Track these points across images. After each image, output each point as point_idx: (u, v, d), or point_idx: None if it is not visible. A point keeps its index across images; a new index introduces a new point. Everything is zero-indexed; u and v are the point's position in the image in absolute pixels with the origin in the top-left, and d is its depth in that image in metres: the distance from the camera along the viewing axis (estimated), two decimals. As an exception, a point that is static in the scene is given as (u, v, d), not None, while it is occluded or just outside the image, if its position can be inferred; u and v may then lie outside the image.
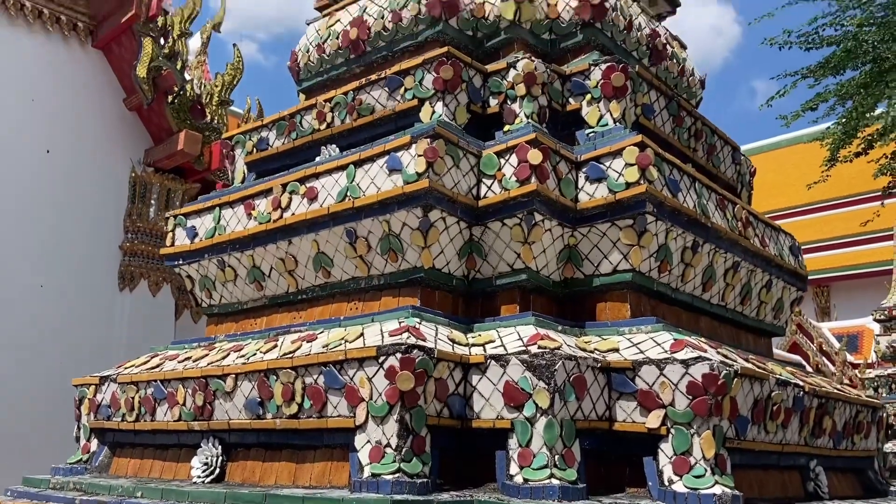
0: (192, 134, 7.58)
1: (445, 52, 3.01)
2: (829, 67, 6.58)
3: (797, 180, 25.64)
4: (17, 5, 7.21)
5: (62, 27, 7.51)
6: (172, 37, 8.07)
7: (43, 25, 7.40)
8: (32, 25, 7.34)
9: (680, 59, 3.80)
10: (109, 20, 7.62)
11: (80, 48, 7.67)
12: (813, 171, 9.09)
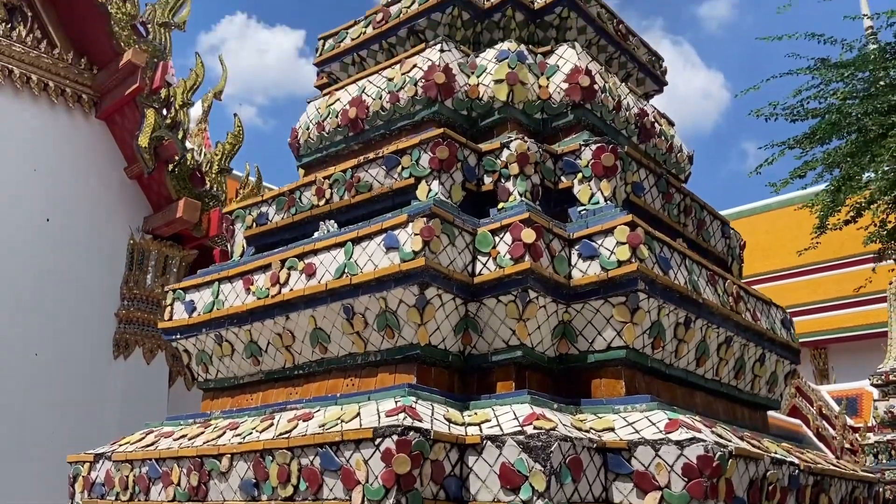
0: (191, 202, 7.69)
1: (441, 134, 3.11)
2: (815, 139, 6.77)
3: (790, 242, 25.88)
4: (24, 78, 7.42)
5: (67, 99, 7.71)
6: (174, 107, 8.27)
7: (48, 98, 7.60)
8: (38, 98, 7.53)
9: (668, 136, 3.92)
10: (113, 92, 7.83)
11: (83, 119, 7.85)
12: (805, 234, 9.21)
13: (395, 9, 4.01)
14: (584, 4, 3.83)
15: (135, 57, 7.57)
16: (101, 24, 7.70)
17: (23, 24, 7.69)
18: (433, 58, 3.53)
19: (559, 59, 3.60)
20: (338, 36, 4.29)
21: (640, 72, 4.24)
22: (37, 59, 7.54)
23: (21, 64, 7.39)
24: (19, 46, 7.44)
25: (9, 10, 7.70)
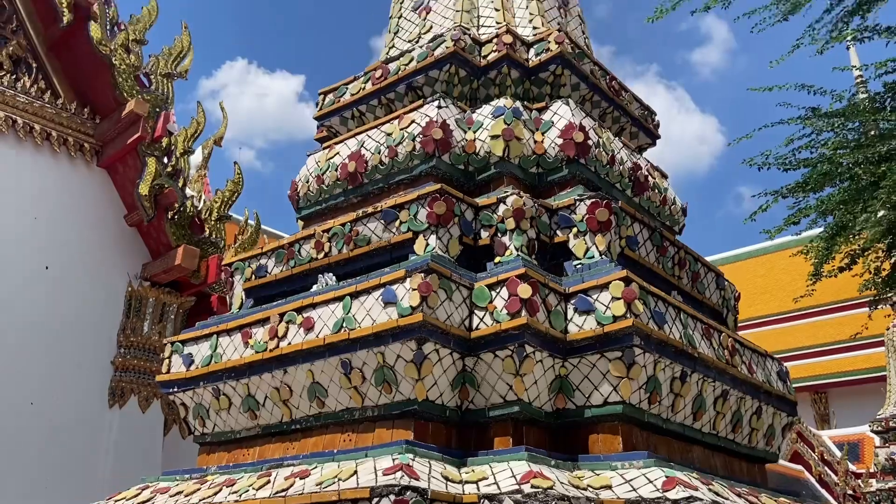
0: (190, 249, 7.73)
1: (438, 189, 3.17)
2: (807, 188, 6.85)
3: (787, 285, 25.93)
4: (27, 128, 7.52)
5: (69, 148, 7.80)
6: (175, 155, 8.37)
7: (51, 147, 7.69)
8: (40, 147, 7.62)
9: (661, 189, 3.99)
10: (115, 141, 7.93)
11: (85, 167, 7.93)
12: (802, 276, 9.25)
13: (394, 66, 4.12)
14: (578, 62, 3.94)
15: (137, 107, 7.69)
16: (105, 75, 7.84)
17: (28, 76, 7.82)
18: (431, 114, 3.61)
19: (554, 115, 3.68)
20: (338, 91, 4.39)
21: (634, 125, 4.33)
22: (40, 109, 7.66)
23: (25, 114, 7.51)
24: (24, 97, 7.56)
25: (14, 61, 7.84)
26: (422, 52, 3.99)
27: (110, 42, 7.85)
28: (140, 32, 8.54)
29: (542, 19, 4.28)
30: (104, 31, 7.83)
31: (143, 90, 8.08)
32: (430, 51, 3.95)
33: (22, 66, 7.89)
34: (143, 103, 7.76)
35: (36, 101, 7.68)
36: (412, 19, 4.58)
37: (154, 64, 8.42)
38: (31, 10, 8.09)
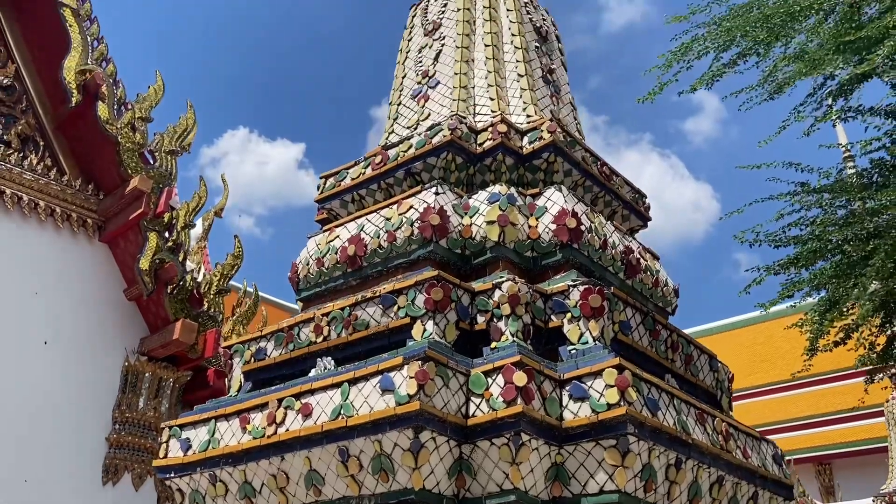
0: (188, 323, 7.77)
1: (436, 276, 3.25)
2: (799, 265, 6.98)
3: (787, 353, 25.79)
4: (32, 204, 7.67)
5: (72, 224, 7.94)
6: (176, 230, 8.50)
7: (54, 223, 7.83)
8: (44, 223, 7.76)
9: (654, 271, 4.08)
10: (118, 216, 8.08)
11: (87, 242, 8.05)
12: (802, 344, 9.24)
13: (393, 152, 4.27)
14: (570, 150, 4.09)
15: (141, 184, 7.86)
16: (111, 152, 8.05)
17: (35, 153, 8.03)
18: (429, 200, 3.73)
19: (547, 201, 3.80)
20: (338, 175, 4.53)
21: (625, 209, 4.45)
22: (46, 185, 7.83)
23: (30, 191, 7.67)
24: (30, 174, 7.74)
25: (22, 140, 8.06)
26: (420, 140, 4.15)
27: (117, 121, 8.08)
28: (146, 110, 8.81)
29: (534, 107, 4.46)
30: (111, 110, 8.07)
31: (147, 167, 8.28)
32: (428, 139, 4.10)
33: (30, 144, 8.10)
34: (146, 180, 7.93)
35: (42, 177, 7.86)
36: (411, 106, 4.77)
37: (159, 141, 8.64)
38: (40, 91, 8.36)
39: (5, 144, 7.87)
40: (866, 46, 6.42)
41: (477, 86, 4.56)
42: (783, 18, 6.23)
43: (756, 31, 6.39)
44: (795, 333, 8.81)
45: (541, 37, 4.98)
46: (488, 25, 4.76)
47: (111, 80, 8.22)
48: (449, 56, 4.71)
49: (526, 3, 5.07)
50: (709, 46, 6.75)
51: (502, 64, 4.65)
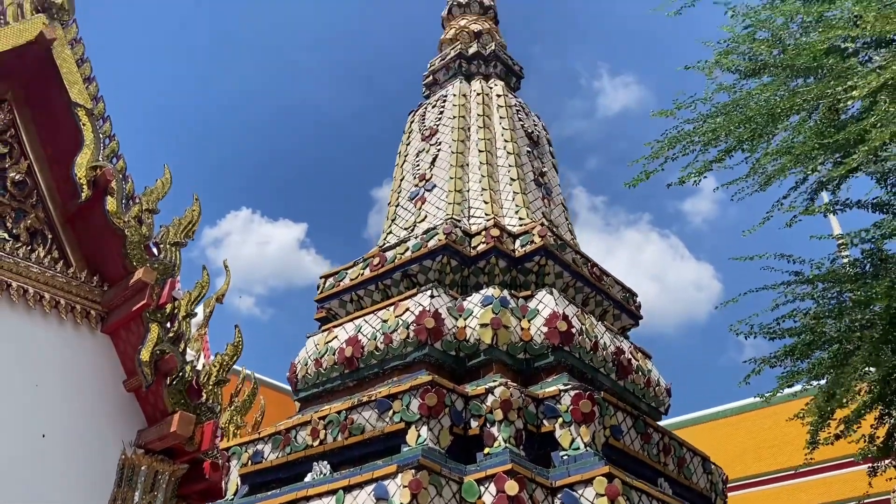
0: (186, 415, 7.74)
1: (430, 381, 3.34)
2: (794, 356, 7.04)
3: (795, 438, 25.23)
4: (37, 297, 7.79)
5: (76, 315, 8.04)
6: (178, 320, 8.59)
7: (58, 314, 7.93)
8: (48, 315, 7.86)
9: (645, 371, 4.15)
10: (121, 308, 8.17)
11: (89, 334, 8.13)
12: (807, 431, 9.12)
13: (391, 254, 4.43)
14: (560, 253, 4.24)
15: (145, 275, 8.00)
16: (117, 245, 8.22)
17: (42, 246, 8.21)
18: (424, 303, 3.86)
19: (539, 304, 3.93)
20: (338, 276, 4.68)
21: (616, 308, 4.57)
22: (52, 278, 7.97)
23: (36, 283, 7.80)
24: (37, 267, 7.90)
25: (31, 233, 8.26)
26: (416, 243, 4.31)
27: (124, 215, 8.30)
28: (153, 203, 9.04)
29: (527, 210, 4.65)
30: (119, 204, 8.31)
31: (151, 259, 8.43)
32: (424, 242, 4.27)
33: (38, 238, 8.29)
34: (150, 272, 8.08)
35: (48, 270, 8.01)
36: (408, 208, 4.97)
37: (164, 234, 8.84)
38: (51, 185, 8.62)
39: (14, 238, 8.06)
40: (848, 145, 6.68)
41: (471, 189, 4.77)
42: (765, 119, 6.51)
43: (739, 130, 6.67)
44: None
45: (532, 141, 5.23)
46: (482, 132, 5.02)
47: (121, 176, 8.49)
48: (445, 161, 4.94)
49: (518, 109, 5.35)
50: (694, 141, 7.02)
51: (495, 168, 4.88)
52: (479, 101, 4.88)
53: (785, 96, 6.59)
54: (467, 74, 6.28)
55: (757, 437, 27.36)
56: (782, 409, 26.97)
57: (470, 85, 5.68)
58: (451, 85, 5.81)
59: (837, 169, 6.30)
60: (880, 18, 4.96)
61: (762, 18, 6.65)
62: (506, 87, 6.02)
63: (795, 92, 6.59)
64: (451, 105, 4.89)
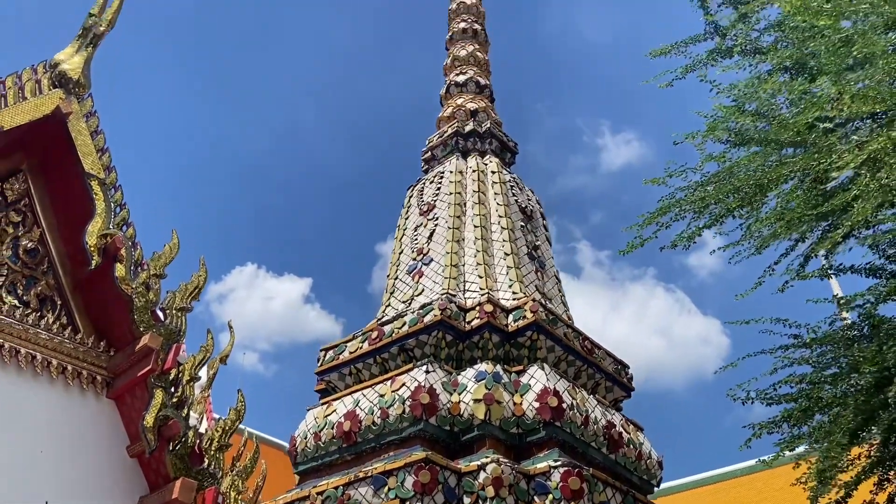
0: (187, 482, 7.79)
1: (424, 458, 3.45)
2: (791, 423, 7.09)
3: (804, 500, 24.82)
4: (45, 363, 7.94)
5: (82, 381, 8.17)
6: (182, 384, 8.70)
7: (65, 380, 8.06)
8: (55, 381, 7.99)
9: (637, 444, 4.25)
10: (126, 373, 8.30)
11: (94, 399, 8.24)
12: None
13: (388, 328, 4.58)
14: (552, 328, 4.39)
15: (151, 341, 8.15)
16: (124, 310, 8.40)
17: (52, 312, 8.39)
18: (419, 378, 3.99)
19: (531, 379, 4.06)
20: (337, 349, 4.83)
21: (608, 380, 4.69)
22: (59, 344, 8.13)
23: (45, 350, 7.96)
24: (45, 334, 8.06)
25: (41, 300, 8.45)
26: (413, 318, 4.48)
27: (132, 281, 8.51)
28: (160, 267, 9.25)
29: (520, 284, 4.82)
30: (128, 271, 8.52)
31: (157, 324, 8.60)
32: (421, 317, 4.43)
33: (47, 304, 8.49)
34: (156, 338, 8.23)
35: (56, 336, 8.18)
36: (406, 281, 5.14)
37: (171, 299, 9.02)
38: (62, 253, 8.85)
39: (24, 305, 8.25)
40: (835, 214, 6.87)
41: (467, 263, 4.95)
42: (753, 188, 6.72)
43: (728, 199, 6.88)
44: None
45: (526, 216, 5.44)
46: (477, 208, 5.23)
47: (130, 243, 8.73)
48: (441, 236, 5.14)
49: (512, 185, 5.58)
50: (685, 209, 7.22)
51: (490, 243, 5.08)
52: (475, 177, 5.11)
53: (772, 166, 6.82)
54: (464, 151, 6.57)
55: (770, 498, 26.80)
56: (791, 470, 26.53)
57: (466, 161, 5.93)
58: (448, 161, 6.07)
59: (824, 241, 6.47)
60: (857, 100, 5.20)
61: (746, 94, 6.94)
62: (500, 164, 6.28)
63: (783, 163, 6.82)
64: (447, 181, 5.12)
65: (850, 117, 5.53)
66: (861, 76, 5.22)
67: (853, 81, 5.40)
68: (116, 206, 8.95)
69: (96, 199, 8.60)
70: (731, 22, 8.54)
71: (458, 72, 10.21)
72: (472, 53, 11.04)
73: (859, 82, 5.52)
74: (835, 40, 5.24)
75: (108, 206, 8.67)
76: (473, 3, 15.64)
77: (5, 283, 8.34)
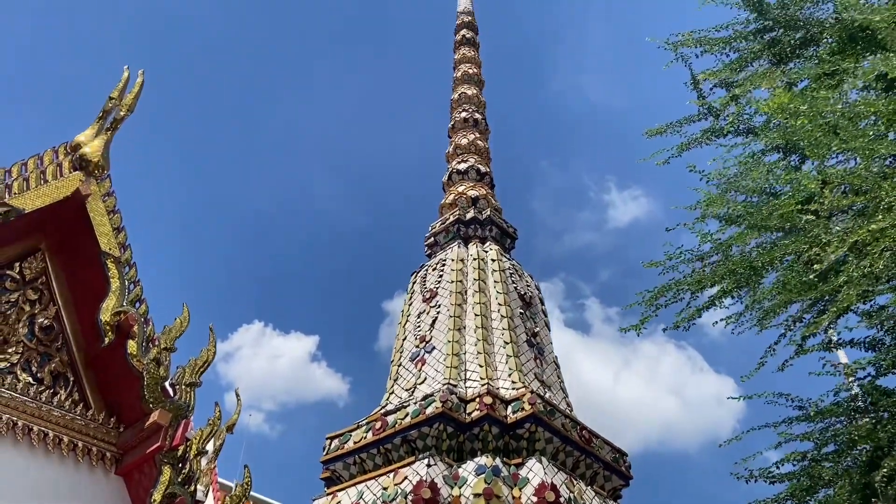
0: (194, 559, 7.81)
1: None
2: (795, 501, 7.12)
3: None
4: (56, 440, 8.07)
5: (92, 458, 8.28)
6: (189, 460, 8.79)
7: (75, 457, 8.17)
8: (65, 458, 8.11)
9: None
10: (135, 450, 8.41)
11: (103, 476, 8.33)
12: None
13: (392, 419, 4.74)
14: (550, 419, 4.54)
15: (160, 418, 8.29)
16: (135, 387, 8.57)
17: (64, 389, 8.56)
18: (421, 472, 4.13)
19: (529, 472, 4.19)
20: (342, 437, 4.98)
21: (606, 470, 4.81)
22: (71, 421, 8.28)
23: (56, 427, 8.10)
24: (58, 411, 8.22)
25: (54, 377, 8.64)
26: (415, 409, 4.64)
27: (144, 357, 8.69)
28: (170, 341, 9.45)
29: (519, 373, 4.99)
30: (140, 347, 8.72)
31: (167, 400, 8.75)
32: (423, 409, 4.59)
33: (60, 381, 8.67)
34: (166, 414, 8.37)
35: (68, 413, 8.33)
36: (409, 368, 5.32)
37: (180, 375, 9.19)
38: (76, 329, 9.08)
39: (38, 382, 8.43)
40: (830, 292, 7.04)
41: (468, 352, 5.13)
42: (748, 271, 6.91)
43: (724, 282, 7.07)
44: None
45: (525, 303, 5.64)
46: (478, 296, 5.44)
47: (143, 320, 8.95)
48: (443, 324, 5.33)
49: (512, 273, 5.80)
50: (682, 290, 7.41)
51: (490, 332, 5.26)
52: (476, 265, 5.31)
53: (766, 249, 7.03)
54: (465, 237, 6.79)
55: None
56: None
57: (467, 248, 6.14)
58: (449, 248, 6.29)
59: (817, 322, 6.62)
60: (839, 196, 5.45)
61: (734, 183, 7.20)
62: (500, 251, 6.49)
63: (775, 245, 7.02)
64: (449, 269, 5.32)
65: (833, 209, 5.77)
66: (841, 172, 5.48)
67: (835, 176, 5.65)
68: (130, 282, 9.21)
69: (111, 278, 8.87)
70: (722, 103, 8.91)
71: (459, 160, 10.66)
72: (473, 142, 11.54)
73: (840, 175, 5.76)
74: (816, 134, 5.51)
75: (122, 285, 8.93)
76: (474, 93, 16.72)
77: (21, 360, 8.54)
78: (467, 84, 16.88)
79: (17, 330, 8.69)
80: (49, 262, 9.26)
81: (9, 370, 8.40)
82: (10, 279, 8.83)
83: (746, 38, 8.50)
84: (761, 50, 8.36)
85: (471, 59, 17.98)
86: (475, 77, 17.15)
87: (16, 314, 8.71)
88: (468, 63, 17.77)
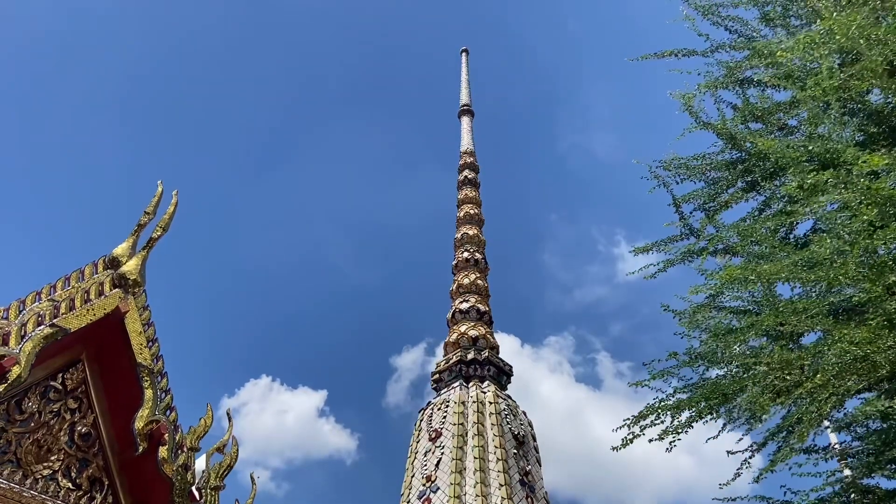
0: None
1: None
2: None
3: None
4: (93, 545, 8.78)
5: (124, 561, 8.97)
6: (212, 558, 9.44)
7: (109, 561, 8.87)
8: (101, 562, 8.80)
9: None
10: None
11: (134, 578, 9.00)
12: None
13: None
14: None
15: (188, 522, 9.00)
16: (164, 491, 9.31)
17: (100, 493, 9.30)
18: None
19: None
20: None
21: None
22: (106, 525, 9.00)
23: (93, 532, 8.82)
24: (95, 516, 8.95)
25: (91, 482, 9.39)
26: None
27: (173, 463, 9.45)
28: (195, 441, 10.22)
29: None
30: (171, 454, 9.48)
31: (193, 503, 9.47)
32: (427, 552, 5.31)
33: (97, 486, 9.41)
34: (193, 518, 9.08)
35: (104, 517, 9.05)
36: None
37: (205, 478, 9.93)
38: (111, 436, 9.85)
39: (77, 487, 9.17)
40: (791, 424, 7.75)
41: (468, 493, 5.86)
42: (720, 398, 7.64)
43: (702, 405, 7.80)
44: None
45: (518, 442, 6.39)
46: (476, 439, 6.20)
47: (173, 427, 9.74)
48: (446, 465, 6.08)
49: (507, 413, 6.57)
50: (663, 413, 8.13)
51: (487, 473, 6.00)
52: (475, 408, 6.05)
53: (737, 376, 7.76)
54: (466, 377, 7.59)
55: None
56: None
57: (468, 389, 6.88)
58: (452, 390, 7.04)
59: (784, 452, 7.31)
60: (801, 320, 6.26)
61: (703, 319, 8.02)
62: (497, 390, 7.25)
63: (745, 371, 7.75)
64: (451, 412, 6.05)
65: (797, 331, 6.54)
66: (798, 302, 6.31)
67: (790, 309, 6.44)
68: (162, 392, 10.03)
69: (145, 388, 9.69)
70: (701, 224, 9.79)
71: (461, 299, 11.72)
72: (474, 282, 12.75)
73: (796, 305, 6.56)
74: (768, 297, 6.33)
75: (155, 395, 9.74)
76: (475, 234, 18.50)
77: (62, 467, 9.31)
78: (468, 224, 18.90)
79: (59, 438, 9.48)
80: (88, 371, 10.10)
81: (51, 476, 9.17)
82: (53, 390, 9.66)
83: (719, 168, 9.43)
84: (734, 178, 9.29)
85: (472, 200, 20.20)
86: (475, 217, 19.21)
87: (58, 424, 9.52)
88: (470, 203, 19.96)
